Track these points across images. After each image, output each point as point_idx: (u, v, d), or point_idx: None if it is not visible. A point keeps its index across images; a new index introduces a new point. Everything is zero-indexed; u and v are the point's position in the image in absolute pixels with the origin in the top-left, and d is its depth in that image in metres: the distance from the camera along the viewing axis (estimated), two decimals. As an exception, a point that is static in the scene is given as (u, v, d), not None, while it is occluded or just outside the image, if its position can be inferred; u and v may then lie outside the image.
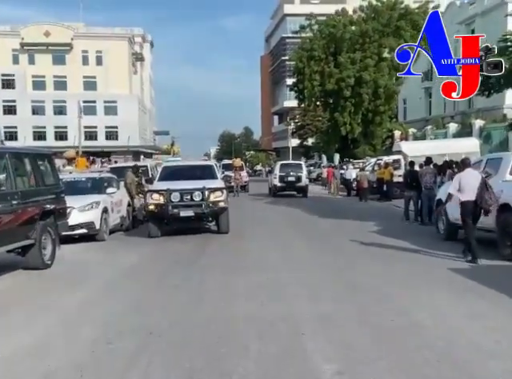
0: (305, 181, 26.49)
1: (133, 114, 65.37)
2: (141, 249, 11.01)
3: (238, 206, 19.66)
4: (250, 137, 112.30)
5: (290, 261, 9.07)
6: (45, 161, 9.39)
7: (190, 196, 12.36)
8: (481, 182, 8.65)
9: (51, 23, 63.84)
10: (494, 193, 8.64)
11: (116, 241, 12.31)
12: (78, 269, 8.88)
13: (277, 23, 79.65)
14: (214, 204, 12.41)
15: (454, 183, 8.90)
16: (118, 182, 14.69)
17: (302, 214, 17.69)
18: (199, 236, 12.60)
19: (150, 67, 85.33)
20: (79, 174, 14.19)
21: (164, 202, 12.26)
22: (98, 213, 12.15)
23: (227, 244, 11.26)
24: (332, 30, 38.72)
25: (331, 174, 31.43)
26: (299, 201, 23.01)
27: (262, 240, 11.64)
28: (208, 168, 14.06)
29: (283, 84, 75.55)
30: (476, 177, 8.82)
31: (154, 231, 12.58)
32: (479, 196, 8.57)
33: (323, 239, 11.71)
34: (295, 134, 64.54)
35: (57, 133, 63.31)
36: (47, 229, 8.88)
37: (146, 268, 8.76)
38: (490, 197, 8.57)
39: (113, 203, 13.22)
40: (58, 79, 64.28)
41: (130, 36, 69.18)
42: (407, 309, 5.96)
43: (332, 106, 40.61)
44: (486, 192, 8.56)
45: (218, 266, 8.72)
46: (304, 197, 25.85)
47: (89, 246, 11.61)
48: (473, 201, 8.69)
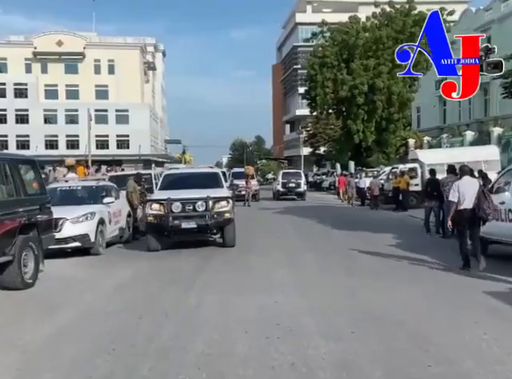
0: (303, 187, 30.89)
1: (144, 123, 64.75)
2: (136, 264, 9.95)
3: (246, 216, 18.58)
4: (262, 145, 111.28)
5: (300, 282, 7.92)
6: (27, 168, 8.39)
7: (192, 206, 11.30)
8: (478, 191, 8.40)
9: (64, 32, 63.62)
10: (492, 201, 8.40)
11: (112, 256, 11.26)
12: (60, 290, 7.81)
13: (289, 32, 78.89)
14: (219, 215, 11.33)
15: (453, 191, 8.67)
16: (118, 191, 13.69)
17: (314, 226, 16.54)
18: (203, 250, 11.51)
19: (161, 76, 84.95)
20: (74, 183, 13.18)
21: (164, 213, 11.21)
22: (92, 225, 11.13)
23: (232, 260, 10.15)
24: (345, 37, 37.69)
25: (343, 183, 30.43)
26: (311, 211, 21.87)
27: (271, 255, 10.51)
28: (213, 176, 12.98)
29: (295, 92, 74.61)
30: (474, 185, 8.58)
31: (154, 244, 11.53)
32: (477, 205, 8.33)
33: (337, 254, 10.55)
34: (307, 143, 63.41)
35: (68, 141, 62.80)
36: (29, 244, 7.85)
37: (137, 288, 7.67)
38: (488, 207, 8.29)
39: (110, 214, 12.20)
40: (70, 88, 63.94)
41: (142, 45, 68.78)
42: (446, 351, 4.78)
43: (345, 114, 39.51)
44: (484, 201, 8.30)
45: (219, 287, 7.62)
46: (302, 200, 29.84)
47: (81, 261, 10.57)
48: (470, 210, 8.40)
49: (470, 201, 8.39)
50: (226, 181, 18.58)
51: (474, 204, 8.35)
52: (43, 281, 8.27)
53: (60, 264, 10.19)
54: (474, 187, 8.50)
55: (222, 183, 12.69)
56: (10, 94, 61.51)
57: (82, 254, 11.01)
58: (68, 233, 10.78)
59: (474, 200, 8.34)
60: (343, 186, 30.41)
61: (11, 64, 61.73)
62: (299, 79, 69.38)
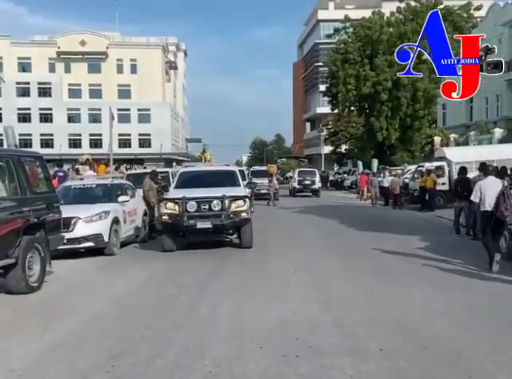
0: (317, 184, 32.21)
1: (165, 122, 64.67)
2: (149, 266, 9.44)
3: (264, 216, 17.99)
4: (282, 144, 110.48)
5: (321, 289, 7.29)
6: (34, 165, 7.92)
7: (208, 205, 10.76)
8: (499, 192, 8.17)
9: (87, 32, 63.89)
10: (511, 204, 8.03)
11: (126, 256, 10.78)
12: (66, 295, 7.33)
13: (310, 29, 77.92)
14: (235, 214, 10.76)
15: (475, 191, 8.57)
16: (134, 189, 13.23)
17: (335, 226, 15.85)
18: (219, 251, 10.95)
19: (183, 76, 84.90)
20: (89, 181, 12.75)
21: (179, 212, 10.69)
22: (106, 225, 10.68)
23: (249, 262, 9.56)
24: (368, 32, 36.75)
25: (365, 181, 29.63)
26: (332, 210, 21.15)
27: (290, 257, 9.89)
28: (229, 174, 12.40)
29: (316, 90, 73.67)
30: (497, 185, 8.39)
31: (169, 244, 11.01)
32: (495, 206, 8.17)
33: (361, 257, 9.86)
34: (328, 141, 62.47)
35: (92, 140, 63.00)
36: (34, 246, 7.39)
37: (148, 294, 7.14)
38: (506, 208, 7.96)
39: (125, 212, 11.73)
40: (93, 87, 64.22)
41: (164, 44, 68.68)
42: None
43: (367, 111, 38.58)
44: (502, 202, 8.00)
45: (234, 293, 7.03)
46: (317, 196, 30.85)
47: (93, 262, 10.12)
48: (491, 211, 8.24)
49: (491, 201, 8.24)
50: (244, 179, 18.05)
51: (494, 204, 8.19)
52: (50, 283, 7.83)
53: (71, 265, 9.76)
54: (496, 188, 8.31)
55: (239, 182, 12.11)
56: (34, 93, 62.03)
57: (95, 254, 10.58)
58: (81, 233, 10.35)
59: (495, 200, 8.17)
60: (365, 185, 29.65)
61: (35, 63, 62.24)
62: (320, 77, 68.40)
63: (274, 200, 25.64)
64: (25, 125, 61.23)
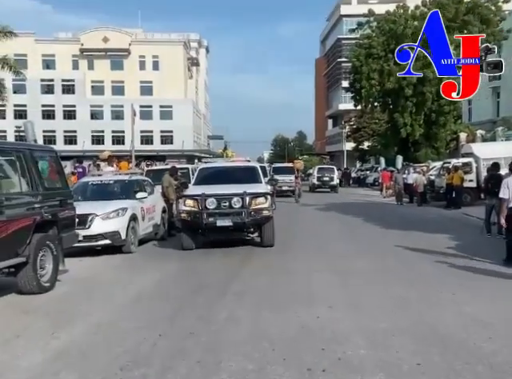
0: (336, 180, 33.55)
1: (187, 119, 64.57)
2: (167, 265, 9.05)
3: (286, 213, 17.51)
4: (304, 141, 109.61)
5: (348, 292, 6.79)
6: (46, 159, 7.59)
7: (228, 202, 10.33)
8: None
9: (110, 29, 64.09)
10: None
11: (143, 255, 10.43)
12: (78, 296, 6.97)
13: (333, 25, 76.91)
14: (256, 212, 10.31)
15: (503, 188, 8.47)
16: (152, 186, 12.90)
17: (360, 224, 15.27)
18: (239, 250, 10.52)
19: (205, 72, 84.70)
20: (106, 177, 12.43)
21: (198, 209, 10.28)
22: (124, 222, 10.34)
23: (270, 262, 9.09)
24: (392, 26, 35.74)
25: (387, 178, 29.00)
26: (355, 208, 20.56)
27: (314, 258, 9.39)
28: (250, 170, 11.95)
29: (338, 86, 72.68)
30: None
31: (188, 243, 10.62)
32: None
33: (390, 258, 9.31)
34: (350, 138, 61.58)
35: (114, 137, 63.28)
36: (46, 244, 7.06)
37: (163, 297, 6.73)
38: None
39: (143, 209, 11.39)
40: (115, 84, 64.42)
41: (186, 41, 68.52)
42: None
43: (391, 107, 37.61)
44: None
45: (254, 296, 6.58)
46: (335, 192, 32.07)
47: (110, 260, 9.78)
48: None
49: None
50: (265, 176, 17.60)
51: None
52: (64, 283, 7.50)
53: (87, 263, 9.44)
54: None
55: (260, 178, 11.64)
56: (58, 90, 62.56)
57: (112, 252, 10.25)
58: (97, 230, 10.03)
59: None
60: (387, 182, 29.02)
61: (59, 60, 62.66)
62: (343, 72, 67.44)
63: (298, 197, 24.99)
64: (49, 122, 61.86)
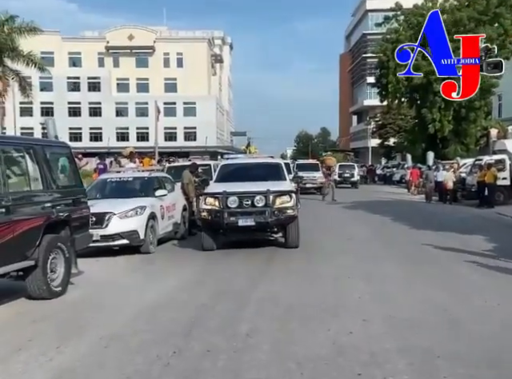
0: (356, 177, 35.22)
1: (211, 115, 64.29)
2: (186, 268, 8.52)
3: (311, 211, 16.84)
4: (327, 137, 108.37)
5: (382, 301, 6.14)
6: (58, 155, 7.12)
7: (250, 201, 9.75)
8: None
9: (135, 26, 64.18)
10: None
11: (162, 255, 9.94)
12: (91, 303, 6.47)
13: (358, 20, 75.58)
14: (281, 211, 9.71)
15: None
16: (173, 183, 12.40)
17: (389, 224, 14.53)
18: (261, 251, 9.93)
19: (228, 69, 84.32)
20: (125, 174, 11.96)
21: (219, 208, 9.74)
22: (142, 221, 9.86)
23: (295, 266, 8.48)
24: (420, 20, 34.50)
25: (416, 176, 28.18)
26: (383, 207, 19.76)
27: (343, 261, 8.73)
28: (274, 167, 11.33)
29: (363, 82, 71.40)
30: None
31: (209, 243, 10.09)
32: None
33: (425, 262, 8.59)
34: (375, 134, 60.36)
35: (139, 134, 63.41)
36: (57, 246, 6.59)
37: (180, 304, 6.19)
38: None
39: (163, 208, 10.89)
40: (140, 82, 64.57)
41: (210, 38, 68.19)
42: None
43: (419, 102, 36.49)
44: None
45: (278, 306, 5.98)
46: (355, 188, 33.52)
47: (127, 262, 9.31)
48: None
49: None
50: (289, 172, 16.99)
51: None
52: (76, 287, 7.04)
53: (103, 264, 8.99)
54: None
55: (285, 175, 11.02)
56: (84, 88, 62.96)
57: (131, 252, 9.79)
58: (115, 230, 9.58)
59: None
60: (415, 179, 28.17)
61: (85, 58, 63.11)
62: (368, 68, 66.24)
63: (325, 194, 23.88)
64: (75, 119, 62.38)
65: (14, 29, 24.94)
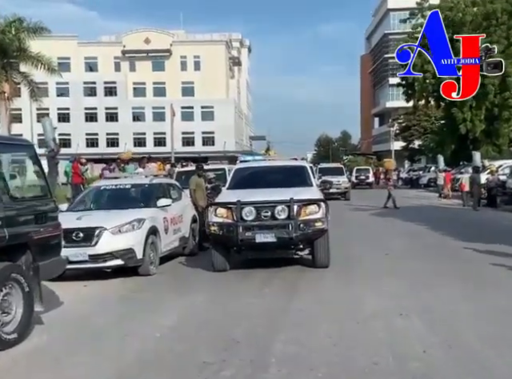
0: (371, 179, 38.60)
1: (229, 119, 62.75)
2: (189, 297, 6.76)
3: (338, 218, 14.98)
4: (348, 141, 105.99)
5: (460, 361, 4.28)
6: (17, 157, 5.45)
7: (270, 212, 7.99)
8: None
9: (151, 30, 63.14)
10: None
11: (163, 278, 8.22)
12: (51, 358, 4.73)
13: (379, 20, 73.44)
14: (307, 224, 7.94)
15: None
16: (180, 191, 10.70)
17: (427, 234, 12.57)
18: (284, 272, 8.14)
19: (247, 72, 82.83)
20: (122, 181, 10.20)
21: (232, 221, 8.00)
22: (140, 236, 8.18)
23: (326, 294, 6.65)
24: (448, 13, 32.45)
25: (448, 179, 26.36)
26: (415, 213, 17.80)
27: (389, 287, 6.86)
28: (299, 170, 9.53)
29: (385, 83, 69.22)
30: None
31: (220, 263, 8.36)
32: None
33: (489, 286, 6.70)
34: (399, 136, 58.04)
35: (156, 139, 62.19)
36: (11, 277, 4.91)
37: (168, 364, 4.43)
38: None
39: (167, 220, 9.19)
40: (157, 86, 63.43)
41: (228, 40, 66.77)
42: None
43: (448, 101, 34.28)
44: None
45: (308, 358, 4.18)
46: (370, 188, 36.40)
47: (120, 287, 7.61)
48: None
49: None
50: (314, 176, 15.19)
51: None
52: (45, 329, 5.40)
53: (89, 292, 7.32)
54: None
55: (311, 180, 9.23)
56: (101, 93, 62.07)
57: (128, 273, 8.11)
58: (106, 248, 7.91)
59: None
60: (448, 183, 26.31)
61: (101, 63, 62.25)
62: (390, 69, 63.98)
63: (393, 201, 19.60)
64: (91, 125, 61.51)
65: (21, 30, 23.66)
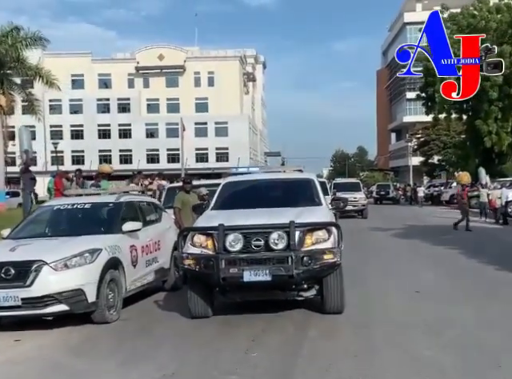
0: (391, 194, 39.71)
1: (243, 135, 61.06)
2: (139, 370, 4.63)
3: (354, 242, 12.76)
4: (364, 157, 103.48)
5: None
6: None
7: (263, 240, 5.86)
8: None
9: (165, 46, 62.08)
10: None
11: (122, 329, 6.09)
12: None
13: (395, 34, 71.44)
14: (313, 257, 5.81)
15: None
16: (161, 210, 8.65)
17: (464, 262, 10.26)
18: (284, 319, 5.98)
19: (262, 88, 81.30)
20: (82, 199, 8.04)
21: (213, 253, 5.89)
22: (93, 273, 6.12)
23: (343, 361, 4.46)
24: (471, 21, 30.31)
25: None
26: (443, 234, 15.47)
27: (424, 349, 4.67)
28: (304, 185, 7.35)
29: (402, 98, 66.93)
30: None
31: (199, 308, 6.22)
32: None
33: None
34: (417, 152, 55.52)
35: (169, 155, 60.69)
36: None
37: None
38: None
39: (135, 248, 7.11)
40: (170, 102, 62.16)
41: (242, 56, 65.39)
42: None
43: (471, 113, 31.97)
44: None
45: None
46: (393, 204, 37.48)
47: (59, 346, 5.52)
48: None
49: None
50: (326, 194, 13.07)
51: None
52: None
53: (19, 351, 5.27)
54: None
55: (320, 197, 7.06)
56: (114, 109, 61.01)
57: (79, 321, 6.06)
58: (45, 289, 5.87)
59: None
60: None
61: (115, 79, 61.29)
62: (407, 83, 61.73)
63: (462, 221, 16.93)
64: (105, 142, 60.32)
65: (18, 39, 22.18)
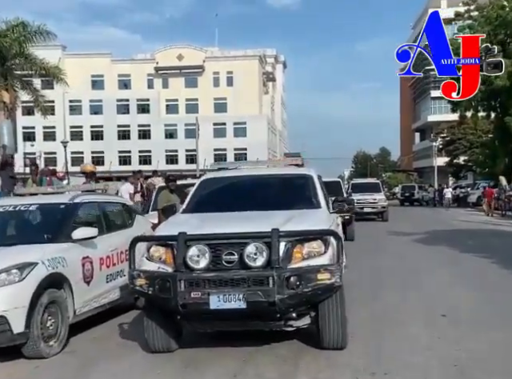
0: (416, 195, 40.23)
1: (262, 135, 59.63)
2: None
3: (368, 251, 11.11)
4: (387, 157, 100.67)
5: None
6: None
7: (237, 254, 4.35)
8: None
9: (184, 46, 61.15)
10: None
11: (59, 370, 4.69)
12: None
13: (419, 32, 69.01)
14: (303, 277, 4.28)
15: None
16: (134, 213, 7.22)
17: (498, 272, 8.59)
18: (264, 358, 4.47)
19: (282, 88, 79.69)
20: (29, 199, 6.60)
21: (170, 271, 4.41)
22: (21, 294, 4.69)
23: None
24: (501, 12, 28.25)
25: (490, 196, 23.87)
26: (472, 239, 13.73)
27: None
28: (300, 183, 5.77)
29: (427, 96, 64.43)
30: None
31: (160, 339, 4.76)
32: None
33: None
34: (442, 152, 53.14)
35: (188, 156, 59.69)
36: None
37: None
38: None
39: (91, 261, 5.68)
40: (189, 102, 61.19)
41: (261, 55, 63.97)
42: None
43: (500, 110, 29.85)
44: None
45: None
46: (420, 205, 38.38)
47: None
48: None
49: None
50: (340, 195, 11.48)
51: None
52: None
53: None
54: None
55: (318, 198, 5.48)
56: (133, 110, 60.35)
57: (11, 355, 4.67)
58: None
59: None
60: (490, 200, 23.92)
61: (134, 80, 60.63)
62: (432, 81, 59.32)
63: None
64: (124, 142, 59.66)
65: (22, 33, 21.16)
